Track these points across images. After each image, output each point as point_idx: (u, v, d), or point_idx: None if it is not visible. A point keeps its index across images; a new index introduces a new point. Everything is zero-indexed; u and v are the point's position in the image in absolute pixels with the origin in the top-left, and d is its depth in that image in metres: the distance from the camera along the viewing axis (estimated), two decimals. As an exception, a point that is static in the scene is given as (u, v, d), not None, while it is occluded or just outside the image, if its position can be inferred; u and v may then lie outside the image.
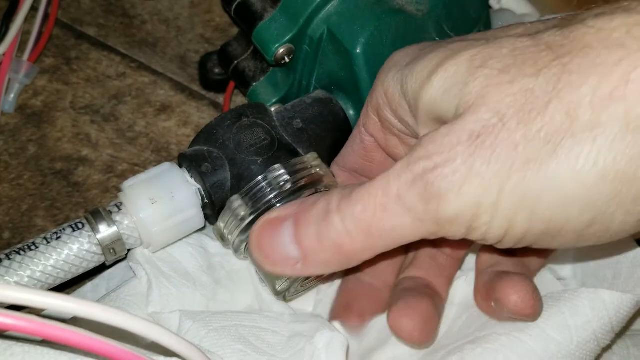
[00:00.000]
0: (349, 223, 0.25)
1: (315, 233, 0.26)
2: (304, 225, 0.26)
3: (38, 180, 0.41)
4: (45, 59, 0.45)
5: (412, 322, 0.29)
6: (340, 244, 0.25)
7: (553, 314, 0.30)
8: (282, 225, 0.27)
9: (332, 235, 0.25)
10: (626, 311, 0.30)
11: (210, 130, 0.33)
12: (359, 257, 0.26)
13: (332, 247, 0.26)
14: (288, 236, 0.27)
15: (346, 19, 0.35)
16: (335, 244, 0.26)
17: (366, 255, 0.26)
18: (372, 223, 0.25)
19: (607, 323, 0.29)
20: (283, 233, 0.27)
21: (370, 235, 0.25)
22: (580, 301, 0.30)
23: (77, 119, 0.43)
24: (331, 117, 0.35)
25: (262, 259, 0.27)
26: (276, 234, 0.27)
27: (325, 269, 0.27)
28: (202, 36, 0.47)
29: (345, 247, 0.25)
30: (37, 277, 0.30)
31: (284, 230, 0.27)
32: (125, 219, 0.31)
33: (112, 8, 0.48)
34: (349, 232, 0.25)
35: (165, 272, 0.33)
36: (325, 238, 0.26)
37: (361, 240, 0.25)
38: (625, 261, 0.32)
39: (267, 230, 0.27)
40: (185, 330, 0.31)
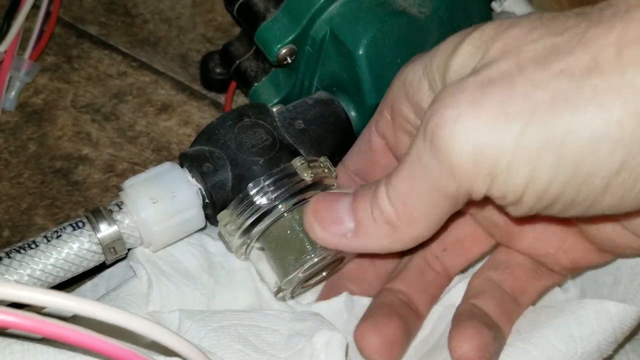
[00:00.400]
0: (391, 195, 0.26)
1: (369, 206, 0.27)
2: (360, 199, 0.27)
3: (38, 179, 0.40)
4: (47, 57, 0.45)
5: (376, 342, 0.29)
6: (387, 215, 0.26)
7: (558, 324, 0.30)
8: (342, 197, 0.28)
9: (381, 206, 0.26)
10: (630, 322, 0.30)
11: (212, 130, 0.33)
12: (406, 231, 0.26)
13: (381, 218, 0.26)
14: (346, 207, 0.27)
15: (349, 20, 0.35)
16: (383, 214, 0.26)
17: (412, 229, 0.26)
18: (405, 191, 0.25)
19: (612, 334, 0.29)
20: (342, 202, 0.28)
21: (408, 204, 0.25)
22: (585, 312, 0.30)
23: (78, 118, 0.43)
24: (333, 118, 0.35)
25: (316, 224, 0.28)
26: (335, 202, 0.28)
27: (376, 242, 0.27)
28: (204, 36, 0.47)
29: (391, 218, 0.26)
30: (37, 276, 0.30)
31: (343, 202, 0.28)
32: (125, 218, 0.31)
33: (114, 7, 0.48)
34: (392, 203, 0.26)
35: (165, 271, 0.32)
36: (375, 210, 0.26)
37: (402, 210, 0.26)
38: (625, 267, 0.32)
39: (326, 198, 0.28)
40: (185, 329, 0.31)
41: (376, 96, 0.34)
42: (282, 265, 0.31)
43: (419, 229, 0.26)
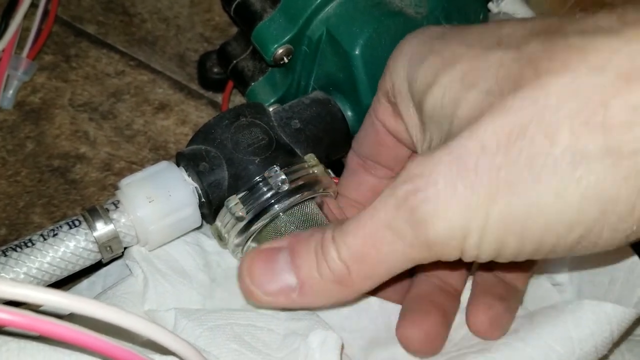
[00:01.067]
0: (344, 253, 0.26)
1: (314, 262, 0.26)
2: (301, 254, 0.27)
3: (35, 177, 0.41)
4: (45, 56, 0.45)
5: (418, 338, 0.30)
6: (338, 273, 0.26)
7: (556, 325, 0.30)
8: (277, 253, 0.27)
9: (330, 264, 0.26)
10: (627, 323, 0.30)
11: (208, 129, 0.33)
12: (358, 287, 0.26)
13: (330, 276, 0.26)
14: (284, 264, 0.27)
15: (345, 20, 0.35)
16: (333, 273, 0.26)
17: (366, 285, 0.26)
18: (365, 252, 0.25)
19: (609, 336, 0.30)
20: (279, 261, 0.27)
21: (365, 264, 0.26)
22: (583, 313, 0.30)
23: (76, 117, 0.43)
24: (329, 118, 0.35)
25: (253, 288, 0.27)
26: (271, 261, 0.27)
27: (323, 299, 0.27)
28: (202, 35, 0.47)
29: (343, 277, 0.26)
30: (33, 274, 0.30)
31: (280, 258, 0.27)
32: (122, 217, 0.31)
33: (112, 6, 0.48)
34: (344, 262, 0.26)
35: (161, 270, 0.33)
36: (323, 267, 0.26)
37: (357, 269, 0.26)
38: (621, 267, 0.32)
39: (260, 258, 0.27)
40: (180, 328, 0.31)
41: (372, 96, 0.34)
42: None
43: (372, 284, 0.26)
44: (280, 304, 0.28)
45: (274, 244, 0.27)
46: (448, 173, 0.24)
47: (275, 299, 0.27)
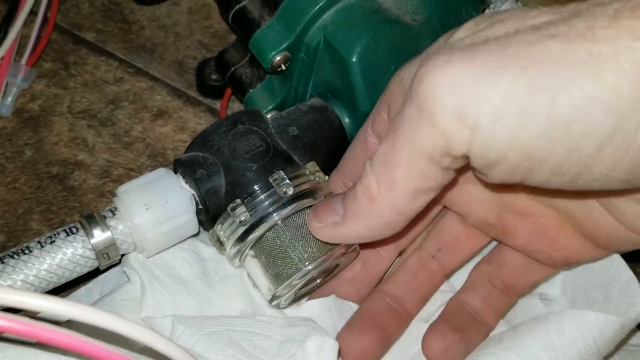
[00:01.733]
0: (375, 163, 0.26)
1: (356, 186, 0.27)
2: (351, 188, 0.28)
3: (34, 184, 0.41)
4: (44, 63, 0.45)
5: (351, 352, 0.31)
6: (368, 186, 0.26)
7: (540, 334, 0.30)
8: (339, 194, 0.29)
9: (363, 181, 0.26)
10: (611, 332, 0.30)
11: (206, 136, 0.33)
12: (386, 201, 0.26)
13: (363, 192, 0.26)
14: (340, 198, 0.29)
15: (342, 28, 0.35)
16: (365, 187, 0.26)
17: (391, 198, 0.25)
18: (386, 152, 0.25)
19: (593, 344, 0.30)
20: (338, 196, 0.29)
21: (386, 166, 0.25)
22: (566, 322, 0.30)
23: (74, 124, 0.43)
24: (326, 125, 0.36)
25: (313, 218, 0.29)
26: (333, 197, 0.29)
27: (360, 221, 0.27)
28: (200, 42, 0.47)
29: (371, 188, 0.26)
30: (30, 281, 0.30)
31: (339, 195, 0.29)
32: (119, 224, 0.31)
33: (111, 13, 0.48)
34: (374, 172, 0.26)
35: (158, 277, 0.33)
36: (358, 187, 0.27)
37: (381, 175, 0.25)
38: (617, 285, 0.32)
39: (328, 197, 0.30)
40: (177, 334, 0.31)
41: (370, 103, 0.35)
42: (277, 273, 0.32)
43: (397, 196, 0.25)
44: (329, 232, 0.29)
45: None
46: (466, 48, 0.22)
47: (324, 228, 0.29)
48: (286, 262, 0.31)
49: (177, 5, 0.49)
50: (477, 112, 0.22)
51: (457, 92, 0.22)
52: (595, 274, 0.33)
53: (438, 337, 0.32)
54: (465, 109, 0.22)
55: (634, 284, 0.32)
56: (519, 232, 0.32)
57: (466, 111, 0.22)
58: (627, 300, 0.31)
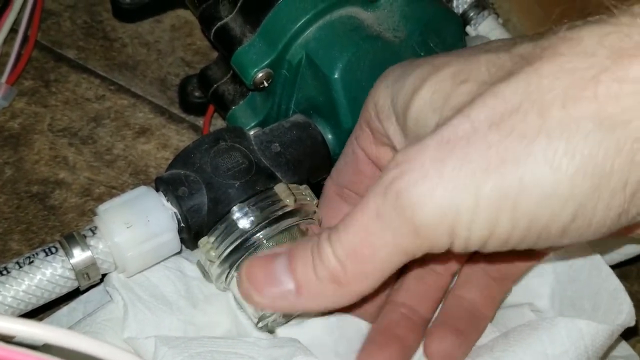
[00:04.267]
0: (339, 250, 0.25)
1: (311, 263, 0.26)
2: (298, 257, 0.26)
3: (14, 204, 0.40)
4: (24, 81, 0.45)
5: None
6: (334, 272, 0.25)
7: (531, 342, 0.30)
8: (275, 258, 0.27)
9: (326, 263, 0.25)
10: (602, 340, 0.30)
11: (188, 153, 0.33)
12: (355, 286, 0.26)
13: (326, 276, 0.25)
14: (282, 267, 0.26)
15: (324, 44, 0.35)
16: (329, 272, 0.25)
17: (362, 284, 0.26)
18: (358, 246, 0.25)
19: (584, 352, 0.30)
20: (277, 264, 0.26)
21: (360, 259, 0.25)
22: (557, 330, 0.30)
23: (55, 142, 0.43)
24: (309, 141, 0.35)
25: (253, 292, 0.27)
26: (269, 265, 0.27)
27: (321, 301, 0.26)
28: (183, 59, 0.47)
29: (338, 275, 0.25)
30: (8, 303, 0.29)
31: (278, 262, 0.26)
32: (99, 243, 0.31)
33: (93, 31, 0.48)
34: (339, 259, 0.25)
35: (141, 297, 0.32)
36: (319, 267, 0.26)
37: (352, 267, 0.25)
38: (604, 293, 0.32)
39: (259, 263, 0.27)
40: (160, 356, 0.30)
41: (352, 119, 0.35)
42: None
43: (369, 283, 0.26)
44: (279, 307, 0.28)
45: (273, 250, 0.27)
46: (436, 155, 0.23)
47: (274, 303, 0.27)
48: None
49: (160, 22, 0.49)
50: (455, 219, 0.23)
51: (438, 203, 0.23)
52: (583, 284, 0.33)
53: (438, 341, 0.32)
54: (444, 219, 0.23)
55: (621, 292, 0.32)
56: None
57: (446, 220, 0.23)
58: (614, 308, 0.31)
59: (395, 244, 0.24)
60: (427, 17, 0.37)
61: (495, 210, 0.23)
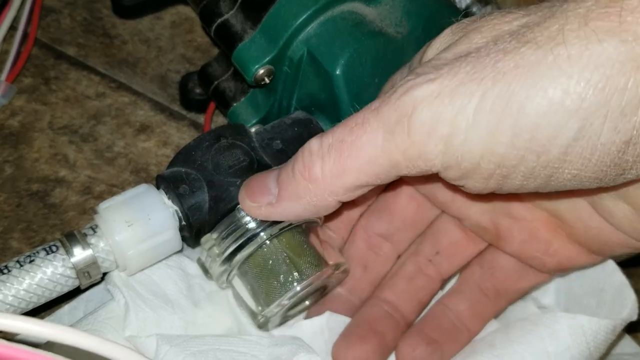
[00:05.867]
0: (326, 141, 0.25)
1: (291, 167, 0.26)
2: (285, 166, 0.27)
3: (14, 202, 0.40)
4: (24, 79, 0.45)
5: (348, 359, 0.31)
6: (310, 167, 0.25)
7: (532, 339, 0.30)
8: (272, 171, 0.29)
9: (306, 159, 0.25)
10: (604, 336, 0.30)
11: (189, 151, 0.33)
12: (330, 186, 0.25)
13: (303, 172, 0.25)
14: (272, 177, 0.28)
15: (326, 41, 0.35)
16: (306, 167, 0.25)
17: (336, 184, 0.25)
18: (346, 137, 0.24)
19: (585, 349, 0.30)
20: (271, 175, 0.28)
21: (341, 154, 0.24)
22: (559, 327, 0.30)
23: (55, 140, 0.42)
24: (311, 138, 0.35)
25: (246, 196, 0.29)
26: (265, 175, 0.29)
27: (296, 207, 0.27)
28: (183, 56, 0.47)
29: (314, 171, 0.25)
30: (9, 302, 0.29)
31: (272, 173, 0.28)
32: (100, 242, 0.30)
33: (92, 28, 0.48)
34: (322, 153, 0.25)
35: (142, 295, 0.32)
36: (298, 165, 0.26)
37: (331, 161, 0.25)
38: (609, 289, 0.32)
39: (258, 176, 0.29)
40: (162, 354, 0.30)
41: (354, 116, 0.34)
42: (265, 293, 0.31)
43: (341, 184, 0.25)
44: (263, 212, 0.28)
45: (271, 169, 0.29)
46: (450, 63, 0.23)
47: (259, 207, 0.28)
48: (274, 283, 0.31)
49: (160, 19, 0.48)
50: (451, 124, 0.22)
51: (435, 107, 0.23)
52: (588, 281, 0.33)
53: (408, 349, 0.31)
54: (440, 122, 0.23)
55: (627, 288, 0.32)
56: (513, 236, 0.32)
57: (441, 124, 0.23)
58: (619, 303, 0.31)
59: (383, 141, 0.24)
60: (430, 13, 0.37)
61: (495, 119, 0.22)
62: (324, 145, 0.25)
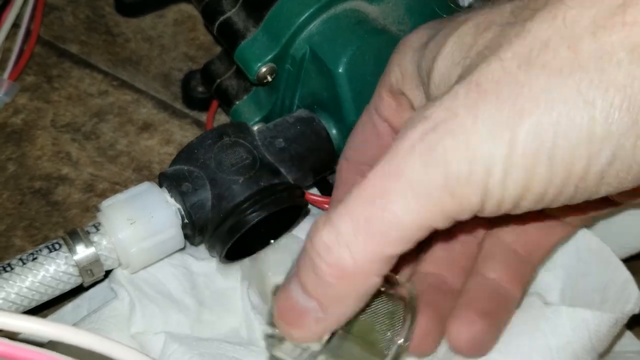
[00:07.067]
0: (344, 227, 0.22)
1: (312, 270, 0.23)
2: (303, 269, 0.23)
3: (17, 200, 0.40)
4: (26, 77, 0.45)
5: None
6: (337, 263, 0.22)
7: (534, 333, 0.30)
8: (290, 284, 0.24)
9: (327, 256, 0.22)
10: (606, 330, 0.30)
11: (191, 149, 0.33)
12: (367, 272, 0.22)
13: (332, 273, 0.22)
14: (296, 290, 0.24)
15: (328, 38, 0.35)
16: (332, 266, 0.22)
17: (375, 267, 0.22)
18: (370, 214, 0.22)
19: (588, 342, 0.30)
20: (292, 290, 0.24)
21: (371, 234, 0.22)
22: (561, 321, 0.30)
23: (58, 137, 0.43)
24: (313, 137, 0.35)
25: (287, 329, 0.25)
26: (288, 291, 0.24)
27: (345, 307, 0.24)
28: (186, 54, 0.47)
29: (345, 265, 0.22)
30: (11, 299, 0.29)
31: (293, 286, 0.24)
32: (103, 240, 0.30)
33: (95, 25, 0.48)
34: (345, 242, 0.22)
35: (148, 293, 0.32)
36: (321, 267, 0.22)
37: (361, 245, 0.22)
38: (613, 286, 0.32)
39: (281, 294, 0.25)
40: (169, 352, 0.30)
41: (357, 114, 0.34)
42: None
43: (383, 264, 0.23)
44: (314, 331, 0.25)
45: (290, 273, 0.25)
46: (467, 102, 0.22)
47: (307, 329, 0.24)
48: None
49: (163, 17, 0.48)
50: (488, 172, 0.22)
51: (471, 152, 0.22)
52: (593, 277, 0.33)
53: (466, 326, 0.28)
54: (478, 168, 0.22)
55: (630, 282, 0.32)
56: None
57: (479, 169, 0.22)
58: (622, 298, 0.31)
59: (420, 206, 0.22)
60: (432, 11, 0.36)
61: (532, 155, 0.21)
62: (344, 231, 0.22)
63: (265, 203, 0.32)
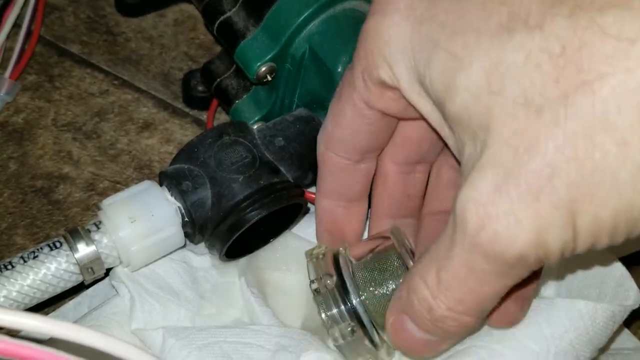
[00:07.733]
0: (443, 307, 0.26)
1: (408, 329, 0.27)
2: (414, 316, 0.27)
3: (18, 198, 0.40)
4: (28, 76, 0.45)
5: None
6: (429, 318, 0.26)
7: (529, 324, 0.30)
8: (404, 323, 0.28)
9: (418, 315, 0.27)
10: (603, 322, 0.30)
11: (191, 148, 0.33)
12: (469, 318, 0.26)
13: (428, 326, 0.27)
14: (413, 329, 0.28)
15: (328, 38, 0.35)
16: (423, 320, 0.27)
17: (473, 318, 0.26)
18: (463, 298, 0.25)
19: (584, 333, 0.30)
20: (410, 329, 0.28)
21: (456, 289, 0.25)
22: (556, 312, 0.30)
23: (59, 137, 0.43)
24: (313, 136, 0.35)
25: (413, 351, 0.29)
26: (405, 331, 0.28)
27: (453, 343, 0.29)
28: (186, 54, 0.47)
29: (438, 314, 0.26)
30: (13, 297, 0.29)
31: (408, 326, 0.28)
32: (104, 238, 0.31)
33: (96, 25, 0.48)
34: (433, 295, 0.26)
35: (148, 289, 0.32)
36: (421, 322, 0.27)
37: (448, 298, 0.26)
38: (610, 281, 0.32)
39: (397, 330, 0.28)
40: (168, 347, 0.30)
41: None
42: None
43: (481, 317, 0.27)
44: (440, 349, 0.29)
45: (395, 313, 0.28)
46: (502, 194, 0.22)
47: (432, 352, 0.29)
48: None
49: (163, 17, 0.48)
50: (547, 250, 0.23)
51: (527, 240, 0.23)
52: (588, 273, 0.33)
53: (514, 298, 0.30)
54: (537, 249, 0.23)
55: (627, 278, 0.32)
56: None
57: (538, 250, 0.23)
58: (621, 294, 0.31)
59: (497, 282, 0.24)
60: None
61: (594, 237, 0.22)
62: (432, 288, 0.26)
63: (265, 202, 0.32)
